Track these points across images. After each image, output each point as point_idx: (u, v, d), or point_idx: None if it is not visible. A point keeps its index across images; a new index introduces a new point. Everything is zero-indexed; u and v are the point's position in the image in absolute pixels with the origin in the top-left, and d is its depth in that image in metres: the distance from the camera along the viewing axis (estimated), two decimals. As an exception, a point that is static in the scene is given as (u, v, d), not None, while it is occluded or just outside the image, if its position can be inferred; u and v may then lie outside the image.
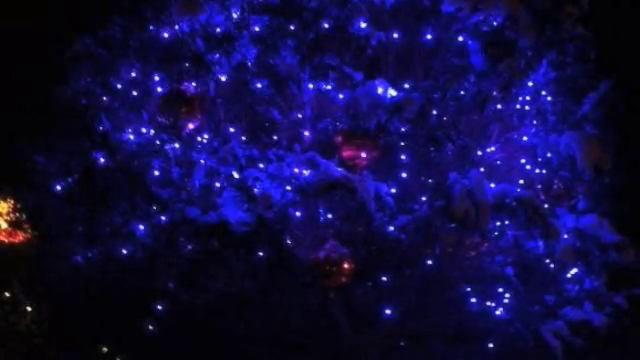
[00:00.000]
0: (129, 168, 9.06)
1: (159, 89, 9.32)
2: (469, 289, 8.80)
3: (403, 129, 8.71)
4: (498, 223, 8.68)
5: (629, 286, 9.06)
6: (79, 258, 9.16)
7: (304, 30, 9.01)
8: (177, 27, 9.36)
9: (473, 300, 8.79)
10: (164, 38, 9.44)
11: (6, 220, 11.88)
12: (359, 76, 8.88)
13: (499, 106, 9.21)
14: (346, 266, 8.20)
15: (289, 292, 8.60)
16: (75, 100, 9.62)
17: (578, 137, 9.09)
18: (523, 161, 9.41)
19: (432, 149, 8.86)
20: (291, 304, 8.69)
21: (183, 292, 8.73)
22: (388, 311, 8.59)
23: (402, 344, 9.20)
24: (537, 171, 9.41)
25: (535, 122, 9.48)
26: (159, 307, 8.78)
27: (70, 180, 9.39)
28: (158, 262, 8.74)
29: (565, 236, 9.08)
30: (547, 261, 9.01)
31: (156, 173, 9.00)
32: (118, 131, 9.37)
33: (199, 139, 9.13)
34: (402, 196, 8.70)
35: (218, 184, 8.80)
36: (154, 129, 9.26)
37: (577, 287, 9.21)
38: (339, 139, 8.63)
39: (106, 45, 9.67)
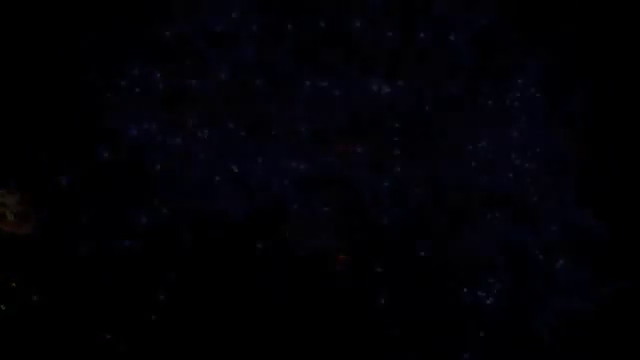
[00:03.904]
0: (132, 162, 9.26)
1: (161, 86, 9.49)
2: (460, 279, 8.98)
3: (397, 124, 8.93)
4: (489, 215, 8.90)
5: (616, 277, 9.25)
6: (83, 249, 9.35)
7: (301, 29, 9.21)
8: (178, 26, 9.55)
9: (464, 290, 8.98)
10: (166, 37, 9.61)
11: (12, 212, 11.93)
12: (355, 73, 9.07)
13: (490, 102, 9.41)
14: (341, 257, 8.40)
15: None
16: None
17: (567, 132, 9.32)
18: (513, 155, 9.57)
19: (425, 144, 9.07)
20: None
21: (184, 282, 8.89)
22: (382, 300, 8.78)
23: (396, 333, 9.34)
24: (527, 165, 9.57)
25: (525, 118, 9.66)
26: (161, 297, 8.97)
27: (74, 173, 9.58)
28: (160, 253, 8.92)
29: (554, 228, 9.28)
30: (536, 252, 9.23)
31: (158, 167, 9.21)
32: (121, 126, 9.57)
33: (200, 134, 9.33)
34: (396, 189, 8.91)
35: (218, 177, 9.01)
36: (156, 124, 9.48)
37: (565, 278, 9.43)
38: (335, 134, 8.83)
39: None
